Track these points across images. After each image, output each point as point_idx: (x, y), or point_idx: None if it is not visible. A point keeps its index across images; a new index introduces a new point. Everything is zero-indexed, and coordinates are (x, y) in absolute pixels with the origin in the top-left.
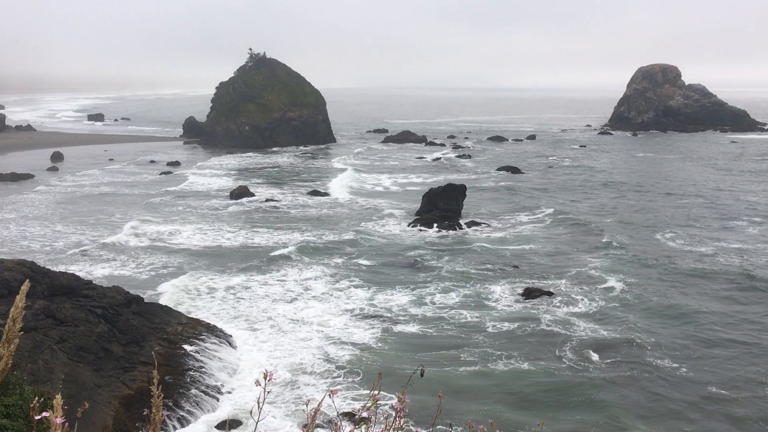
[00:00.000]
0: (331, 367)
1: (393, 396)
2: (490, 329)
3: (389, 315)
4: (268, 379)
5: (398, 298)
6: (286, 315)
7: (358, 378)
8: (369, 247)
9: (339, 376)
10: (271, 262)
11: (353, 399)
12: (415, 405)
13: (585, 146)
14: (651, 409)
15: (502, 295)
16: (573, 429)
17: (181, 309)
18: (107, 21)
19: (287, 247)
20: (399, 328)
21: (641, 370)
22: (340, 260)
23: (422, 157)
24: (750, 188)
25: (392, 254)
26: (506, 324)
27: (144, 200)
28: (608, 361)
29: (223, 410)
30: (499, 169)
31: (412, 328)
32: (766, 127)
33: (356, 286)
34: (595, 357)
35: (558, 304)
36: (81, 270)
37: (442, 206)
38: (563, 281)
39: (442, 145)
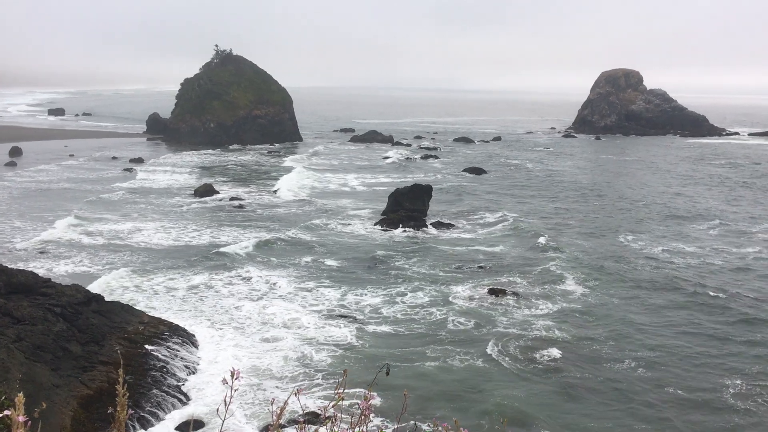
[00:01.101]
0: (298, 367)
1: (373, 393)
2: (455, 328)
3: (357, 314)
4: (235, 377)
5: (367, 299)
6: (252, 314)
7: (329, 378)
8: (335, 247)
9: (308, 377)
10: (236, 260)
11: (326, 398)
12: (397, 402)
13: (549, 149)
14: (596, 411)
15: (467, 295)
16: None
17: (141, 308)
18: (64, 14)
19: (253, 246)
20: (369, 327)
21: (592, 373)
22: (306, 259)
23: (388, 157)
24: (708, 192)
25: (358, 254)
26: (471, 323)
27: (105, 197)
28: (561, 361)
29: (186, 411)
30: (464, 170)
31: (383, 328)
32: (724, 133)
33: (324, 286)
34: (548, 357)
35: (520, 305)
36: (41, 267)
37: (408, 206)
38: (526, 282)
39: (409, 145)
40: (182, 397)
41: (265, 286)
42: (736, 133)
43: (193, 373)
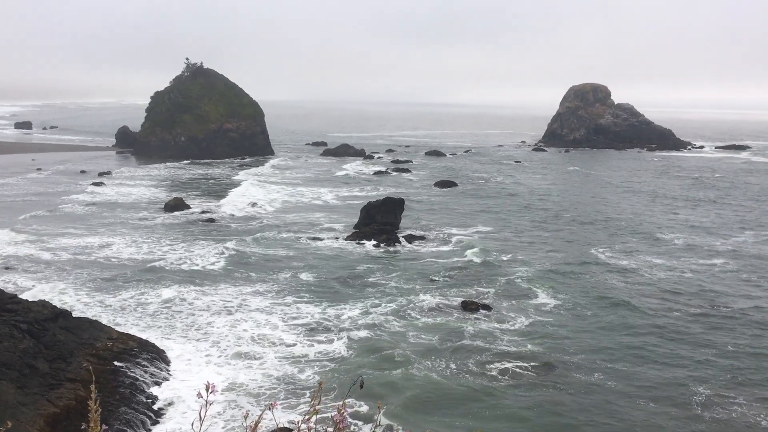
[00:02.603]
0: (275, 382)
1: (361, 403)
2: (428, 341)
3: (332, 327)
4: (210, 391)
5: (343, 312)
6: (225, 329)
7: (305, 390)
8: (308, 260)
9: (287, 392)
10: (209, 275)
11: (306, 414)
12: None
13: (520, 162)
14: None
15: (440, 307)
16: None
17: (111, 324)
18: (27, 25)
19: (226, 261)
20: (345, 340)
21: (554, 386)
22: (280, 273)
23: (361, 171)
24: (675, 204)
25: (331, 268)
26: (443, 336)
27: (73, 211)
28: (530, 374)
29: (156, 429)
30: (436, 184)
31: (360, 339)
32: (690, 146)
33: (298, 301)
34: (517, 370)
35: (492, 318)
36: (8, 282)
37: (380, 219)
38: (497, 295)
39: (381, 158)
40: (152, 415)
41: (238, 300)
42: (702, 147)
43: (164, 390)
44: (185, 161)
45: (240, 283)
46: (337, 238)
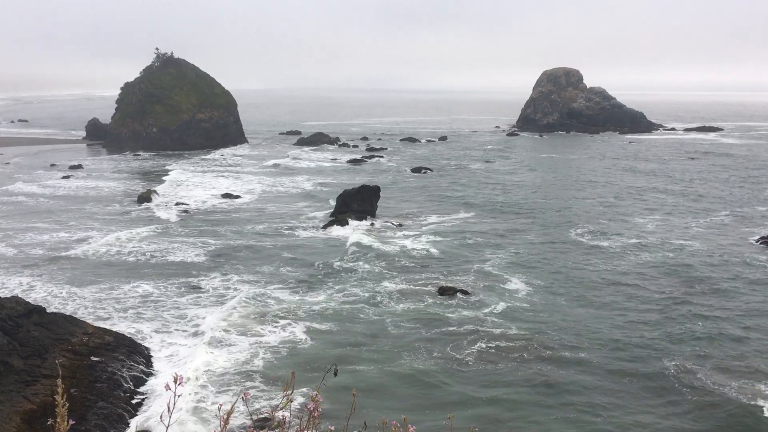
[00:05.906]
0: (253, 372)
1: (336, 390)
2: (402, 329)
3: (307, 316)
4: (178, 383)
5: (316, 300)
6: (203, 321)
7: (277, 381)
8: (286, 250)
9: (264, 380)
10: (186, 267)
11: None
12: (355, 402)
13: (494, 147)
14: (542, 410)
15: (416, 294)
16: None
17: (89, 317)
18: None
19: (203, 253)
20: (318, 329)
21: (536, 371)
22: (256, 263)
23: (335, 159)
24: (644, 187)
25: (307, 256)
26: (421, 322)
27: (43, 206)
28: (508, 359)
29: (134, 423)
30: (412, 171)
31: (332, 329)
32: (661, 128)
33: (274, 289)
34: (497, 356)
35: (471, 302)
36: None
37: (356, 207)
38: (475, 280)
39: (356, 146)
40: (131, 409)
41: (216, 291)
42: (673, 129)
43: (142, 384)
44: (157, 152)
45: (220, 274)
46: (314, 227)
